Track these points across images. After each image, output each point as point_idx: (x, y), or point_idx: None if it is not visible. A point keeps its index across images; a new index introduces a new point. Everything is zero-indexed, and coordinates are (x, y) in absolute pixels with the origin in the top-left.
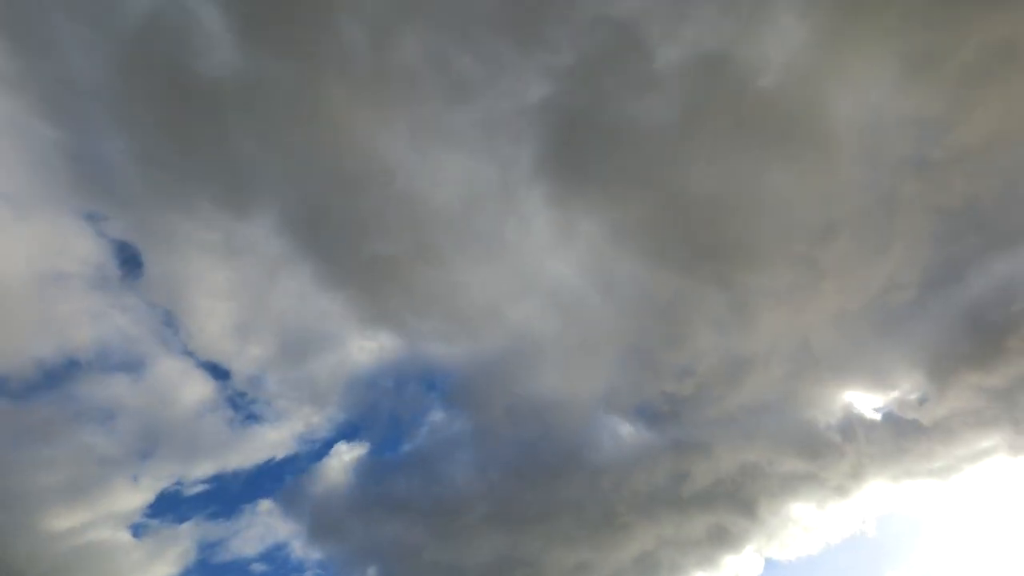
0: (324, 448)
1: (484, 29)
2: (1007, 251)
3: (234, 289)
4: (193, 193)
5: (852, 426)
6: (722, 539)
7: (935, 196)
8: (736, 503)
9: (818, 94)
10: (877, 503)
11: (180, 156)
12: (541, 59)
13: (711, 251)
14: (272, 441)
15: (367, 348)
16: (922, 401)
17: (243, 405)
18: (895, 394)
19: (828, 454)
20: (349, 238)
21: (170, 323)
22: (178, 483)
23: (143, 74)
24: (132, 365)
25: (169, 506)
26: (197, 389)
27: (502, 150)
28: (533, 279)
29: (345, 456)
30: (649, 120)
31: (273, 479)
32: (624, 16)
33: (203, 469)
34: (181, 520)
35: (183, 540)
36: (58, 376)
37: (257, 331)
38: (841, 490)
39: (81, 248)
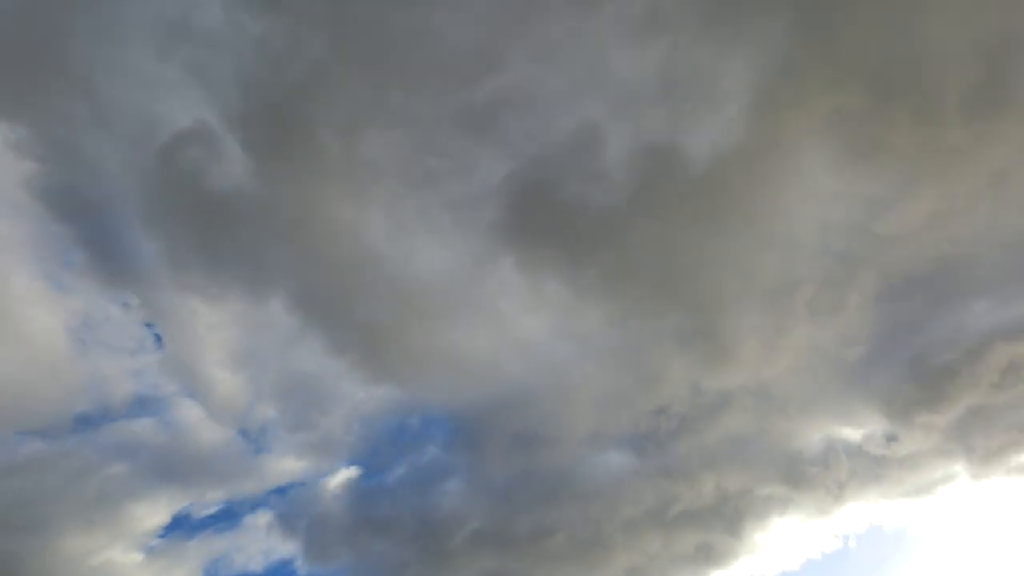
0: (326, 475)
1: (447, 127)
2: (943, 309)
3: (251, 357)
4: (214, 283)
5: (828, 457)
6: (708, 556)
7: (881, 263)
8: (721, 522)
9: (763, 172)
10: (857, 521)
11: (202, 254)
12: (500, 150)
13: (677, 305)
14: (279, 471)
15: (369, 399)
16: (889, 439)
17: (255, 442)
18: (864, 431)
19: (807, 481)
20: (348, 311)
21: (192, 386)
22: (190, 506)
23: (171, 187)
24: (157, 412)
25: (180, 527)
26: (214, 433)
27: (472, 226)
28: (513, 334)
29: (344, 481)
30: (602, 199)
31: (277, 502)
32: (578, 112)
33: (214, 495)
34: (190, 538)
35: (191, 558)
36: (91, 423)
37: (271, 389)
38: (822, 510)
39: (116, 322)
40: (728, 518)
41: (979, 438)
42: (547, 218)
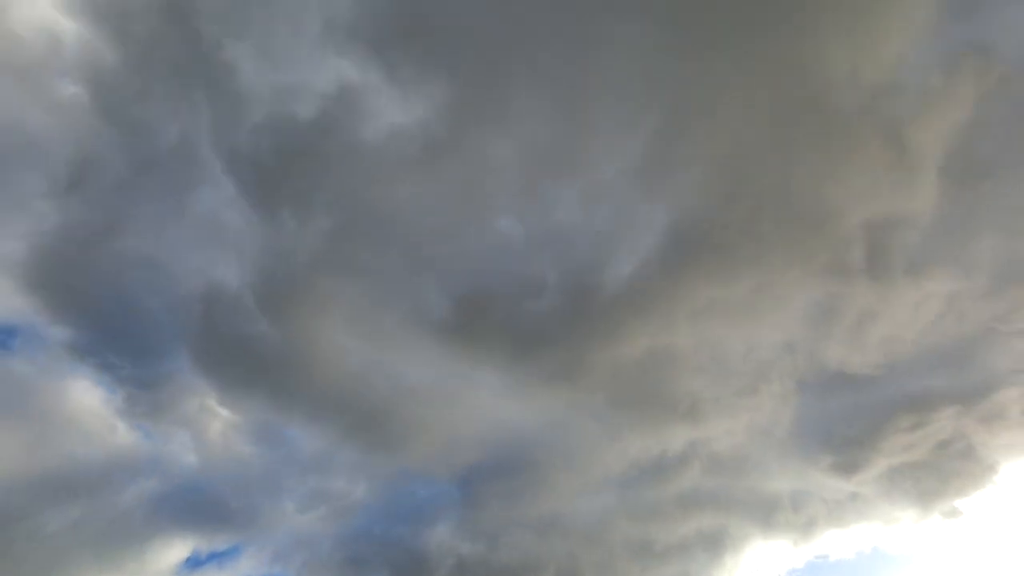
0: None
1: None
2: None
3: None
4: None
5: (800, 497)
6: None
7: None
8: (705, 547)
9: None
10: (833, 544)
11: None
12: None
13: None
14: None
15: (375, 475)
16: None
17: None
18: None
19: (783, 514)
20: (363, 425)
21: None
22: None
23: (210, 337)
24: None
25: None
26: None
27: (445, 340)
28: (491, 415)
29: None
30: (536, 314)
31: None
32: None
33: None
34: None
35: None
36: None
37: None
38: (795, 540)
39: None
40: (711, 542)
41: (908, 487)
42: (496, 331)
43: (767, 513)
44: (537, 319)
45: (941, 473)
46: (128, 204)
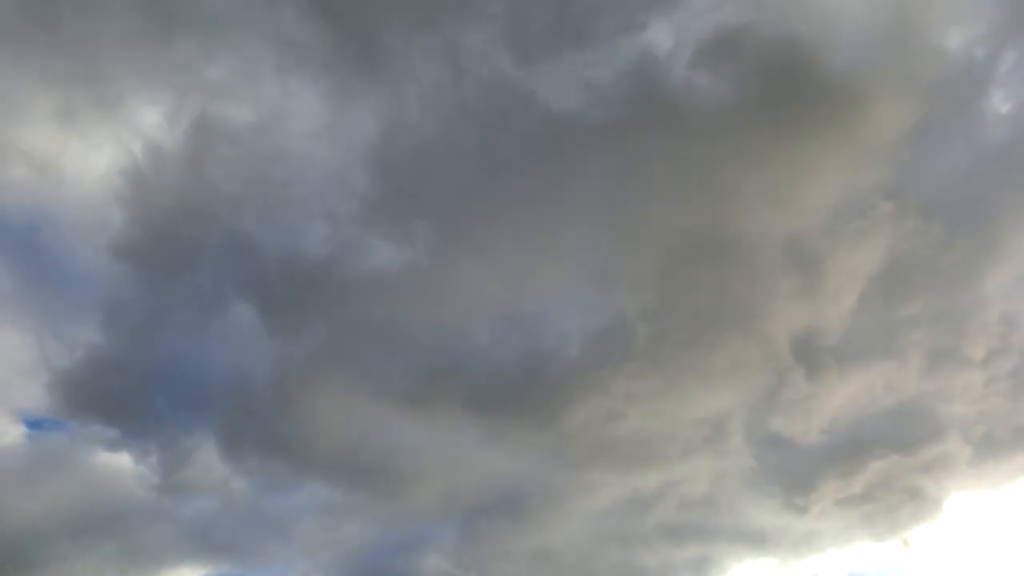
0: None
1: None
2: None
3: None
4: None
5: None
6: None
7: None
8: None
9: None
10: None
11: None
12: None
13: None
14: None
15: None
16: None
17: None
18: None
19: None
20: (365, 480)
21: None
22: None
23: (233, 421)
24: None
25: None
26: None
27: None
28: (480, 469)
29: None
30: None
31: None
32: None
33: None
34: None
35: None
36: None
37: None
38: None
39: None
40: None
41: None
42: (472, 399)
43: (744, 542)
44: (506, 389)
45: (887, 508)
46: (164, 325)
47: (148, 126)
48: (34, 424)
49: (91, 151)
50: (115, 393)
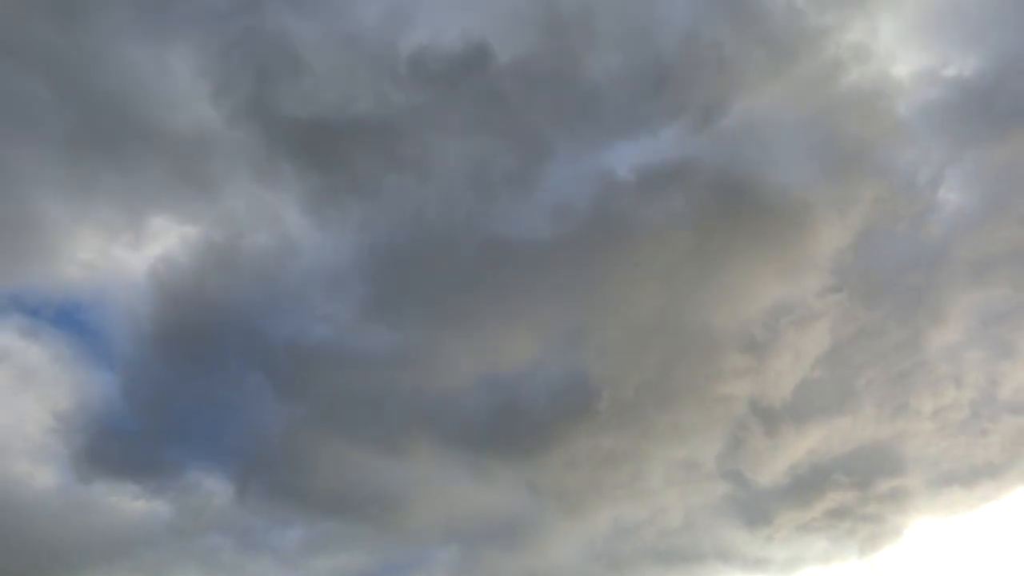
0: None
1: None
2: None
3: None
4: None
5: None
6: None
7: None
8: None
9: None
10: None
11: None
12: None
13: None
14: None
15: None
16: None
17: None
18: None
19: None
20: (366, 513)
21: None
22: None
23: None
24: None
25: None
26: None
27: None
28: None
29: None
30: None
31: None
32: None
33: None
34: None
35: None
36: None
37: None
38: None
39: None
40: None
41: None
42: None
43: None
44: (488, 435)
45: (849, 534)
46: (188, 396)
47: (174, 243)
48: (69, 476)
49: (129, 260)
50: (141, 453)
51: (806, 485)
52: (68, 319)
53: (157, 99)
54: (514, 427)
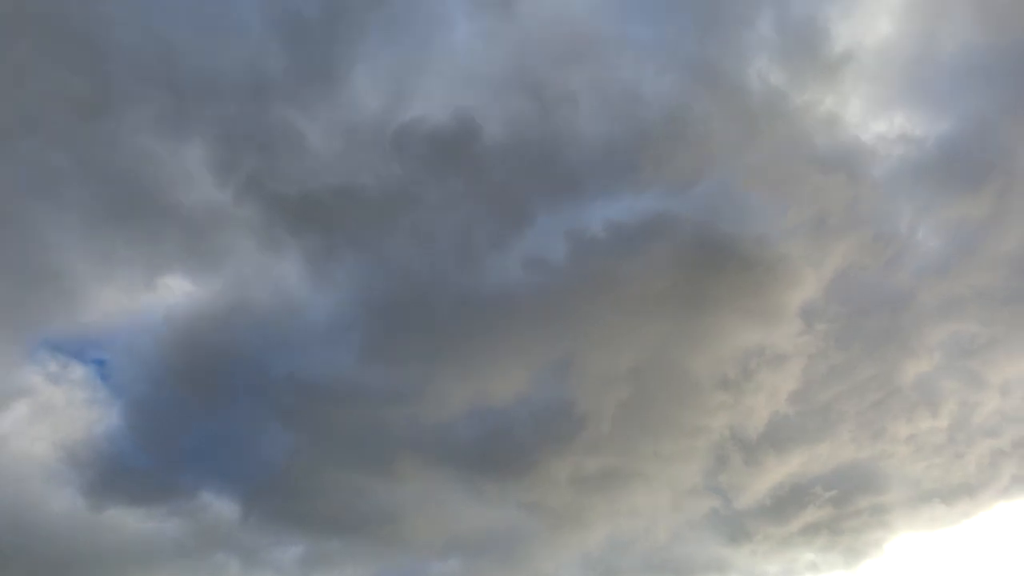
0: None
1: None
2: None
3: None
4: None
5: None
6: None
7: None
8: None
9: None
10: None
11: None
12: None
13: None
14: None
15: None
16: None
17: None
18: None
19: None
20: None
21: None
22: None
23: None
24: None
25: None
26: None
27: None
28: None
29: None
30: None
31: None
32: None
33: None
34: None
35: None
36: None
37: None
38: None
39: None
40: None
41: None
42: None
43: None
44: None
45: (830, 548)
46: (199, 429)
47: (186, 298)
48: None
49: (145, 311)
50: (155, 479)
51: (787, 502)
52: (89, 361)
53: (171, 178)
54: (505, 451)
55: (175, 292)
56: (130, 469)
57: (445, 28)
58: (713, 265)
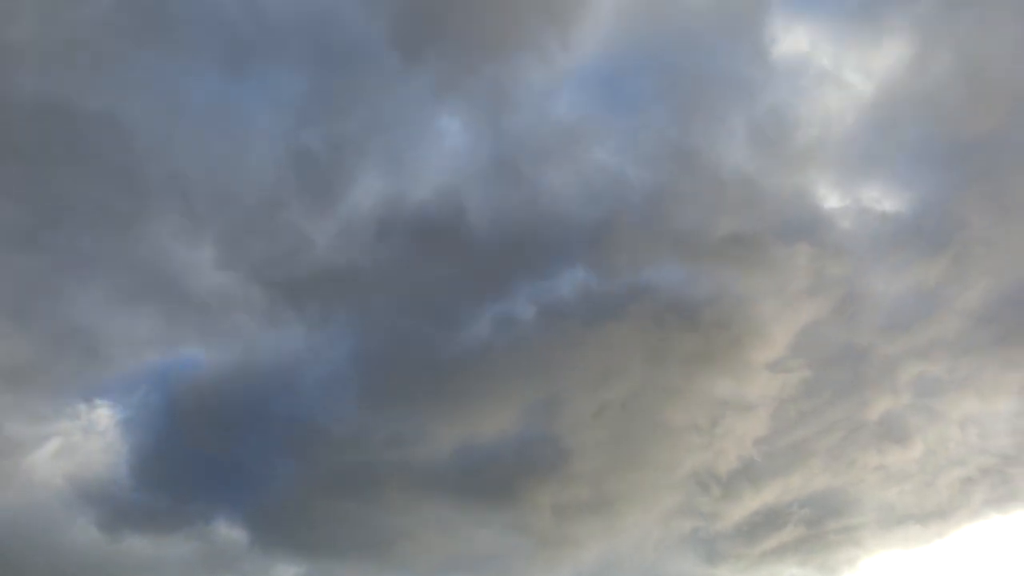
0: None
1: None
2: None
3: None
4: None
5: None
6: None
7: None
8: None
9: None
10: None
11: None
12: None
13: None
14: None
15: None
16: None
17: None
18: None
19: None
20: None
21: None
22: None
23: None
24: None
25: None
26: None
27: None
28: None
29: None
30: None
31: None
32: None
33: None
34: None
35: None
36: None
37: None
38: None
39: None
40: None
41: None
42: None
43: None
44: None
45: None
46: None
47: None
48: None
49: (163, 365)
50: (171, 508)
51: (763, 525)
52: (112, 407)
53: (185, 267)
54: (493, 481)
55: (189, 354)
56: (148, 501)
57: (434, 132)
58: (683, 327)
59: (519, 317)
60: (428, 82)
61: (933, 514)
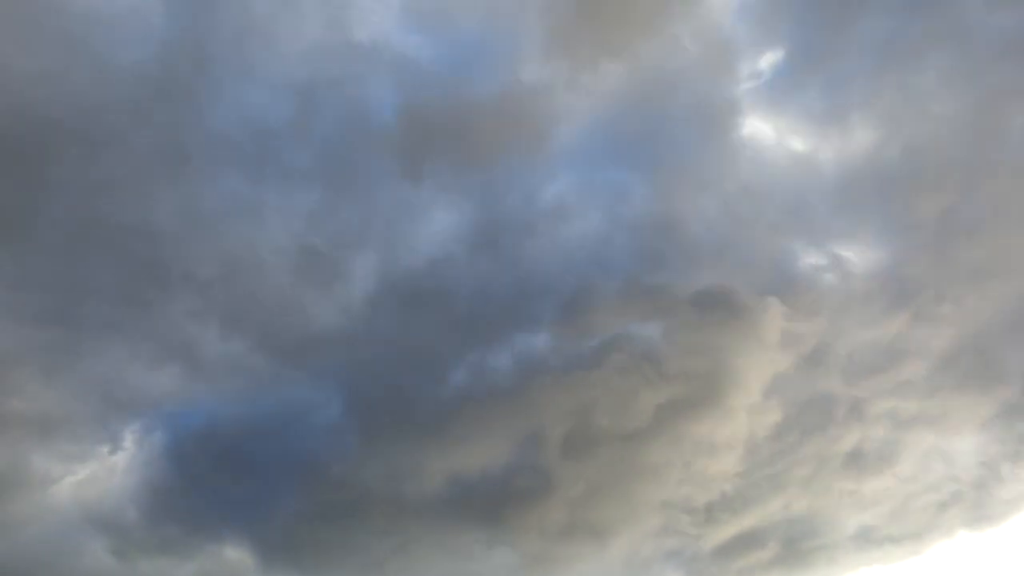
0: None
1: None
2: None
3: None
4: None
5: None
6: None
7: None
8: None
9: None
10: None
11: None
12: None
13: None
14: None
15: None
16: None
17: None
18: None
19: None
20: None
21: None
22: None
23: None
24: None
25: None
26: None
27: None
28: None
29: None
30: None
31: None
32: None
33: None
34: None
35: None
36: None
37: None
38: None
39: None
40: None
41: None
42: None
43: None
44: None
45: None
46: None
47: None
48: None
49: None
50: (184, 533)
51: (742, 545)
52: (132, 446)
53: (196, 337)
54: (482, 506)
55: (201, 404)
56: (160, 530)
57: (425, 216)
58: (659, 376)
59: (499, 368)
60: (423, 186)
61: (908, 535)
